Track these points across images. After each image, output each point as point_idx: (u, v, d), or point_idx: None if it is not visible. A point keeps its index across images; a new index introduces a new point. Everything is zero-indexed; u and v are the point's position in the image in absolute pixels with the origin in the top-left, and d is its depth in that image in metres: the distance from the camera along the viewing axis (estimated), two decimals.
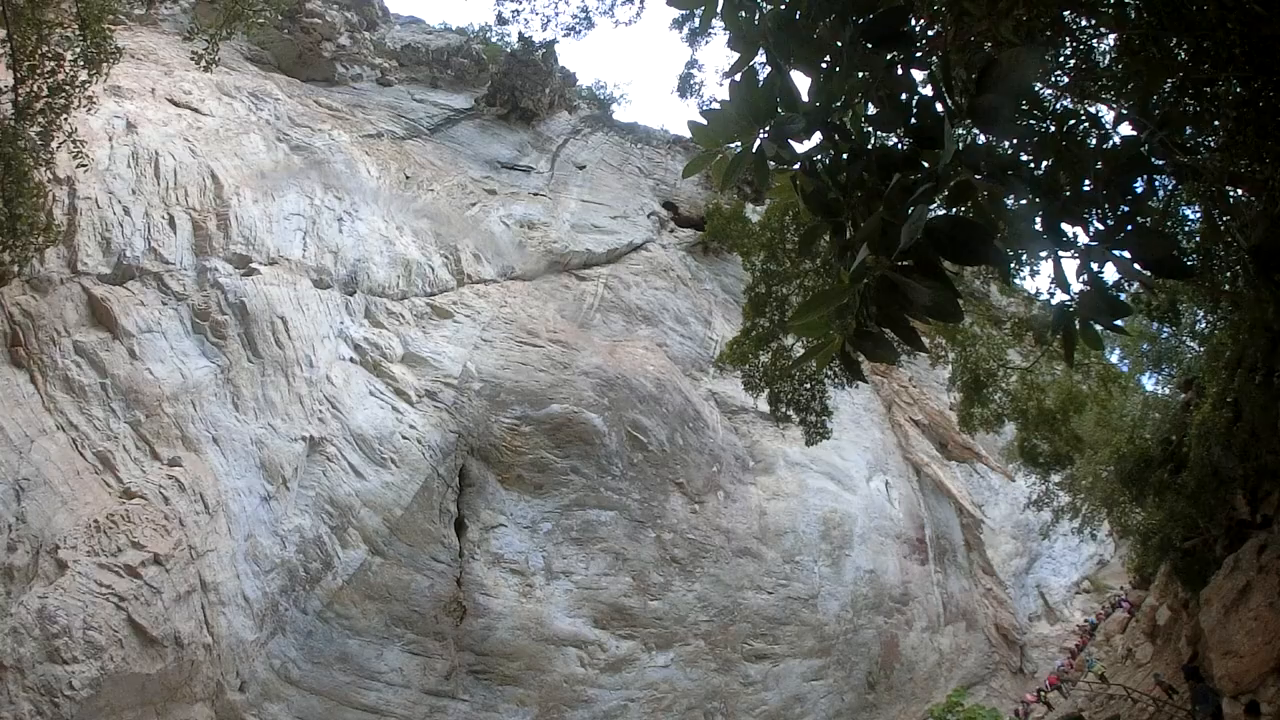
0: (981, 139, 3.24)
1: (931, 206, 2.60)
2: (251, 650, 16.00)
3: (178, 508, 13.92)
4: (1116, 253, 2.68)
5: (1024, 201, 2.85)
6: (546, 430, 21.68)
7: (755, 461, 28.24)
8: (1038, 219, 2.80)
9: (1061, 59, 9.28)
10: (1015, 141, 3.44)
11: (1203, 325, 21.05)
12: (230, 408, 15.91)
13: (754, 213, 24.77)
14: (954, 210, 2.90)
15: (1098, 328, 2.89)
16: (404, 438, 19.50)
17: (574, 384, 22.38)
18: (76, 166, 13.60)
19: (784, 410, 18.75)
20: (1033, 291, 22.17)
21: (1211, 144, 8.65)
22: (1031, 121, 5.84)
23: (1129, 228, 2.71)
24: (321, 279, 19.39)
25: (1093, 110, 9.20)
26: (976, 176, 2.75)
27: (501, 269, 24.23)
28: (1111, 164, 2.91)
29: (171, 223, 16.15)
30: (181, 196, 17.03)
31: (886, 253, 2.54)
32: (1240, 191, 8.97)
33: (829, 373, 18.55)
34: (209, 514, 14.65)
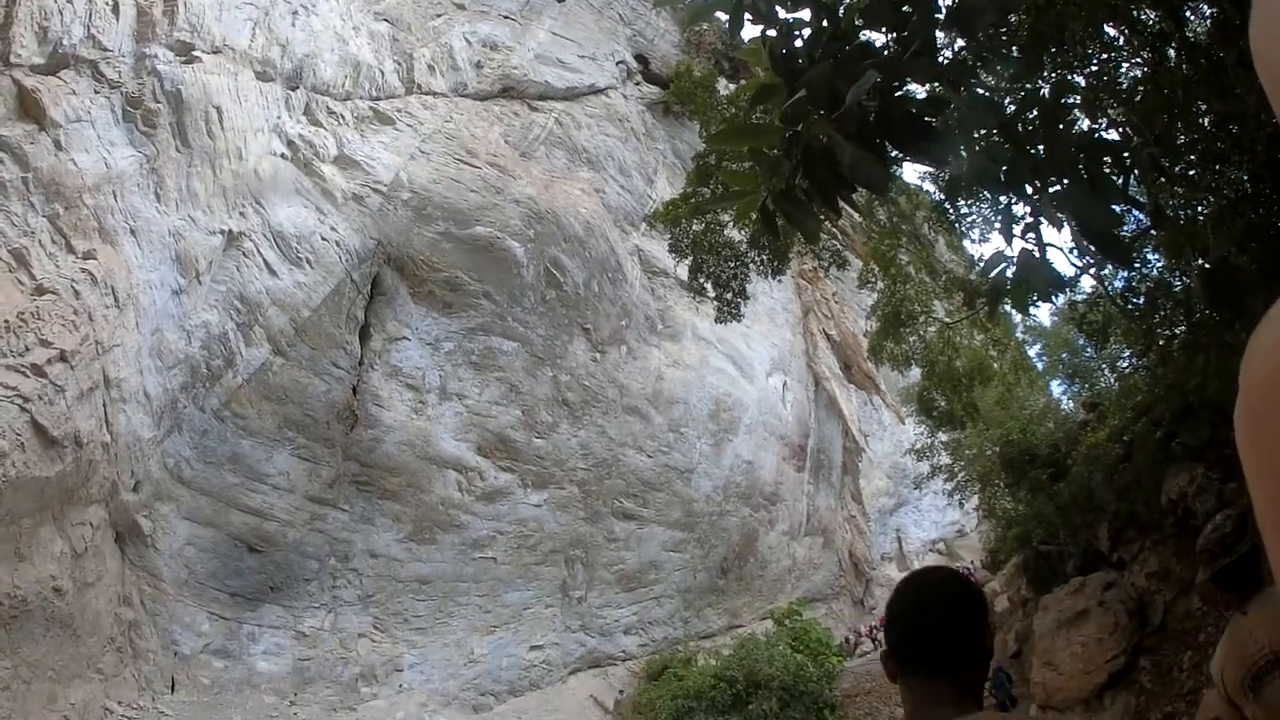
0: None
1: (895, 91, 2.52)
2: (148, 449, 15.87)
3: (88, 302, 13.33)
4: (1063, 216, 2.66)
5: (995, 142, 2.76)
6: (467, 251, 21.41)
7: (664, 326, 28.39)
8: (1004, 165, 2.81)
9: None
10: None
11: (1125, 364, 21.39)
12: (152, 198, 15.18)
13: (725, 89, 24.32)
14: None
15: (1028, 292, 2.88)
16: (323, 239, 18.93)
17: (503, 210, 22.00)
18: None
19: (702, 282, 18.67)
20: (976, 256, 22.22)
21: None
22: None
23: (1082, 195, 2.59)
24: (265, 71, 18.33)
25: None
26: (955, 94, 2.68)
27: (454, 84, 23.34)
28: (1090, 146, 2.93)
29: (115, 8, 14.80)
30: None
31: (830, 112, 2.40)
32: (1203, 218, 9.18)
33: (755, 258, 18.74)
34: (119, 307, 14.11)
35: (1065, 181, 2.64)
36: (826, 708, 19.91)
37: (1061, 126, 3.06)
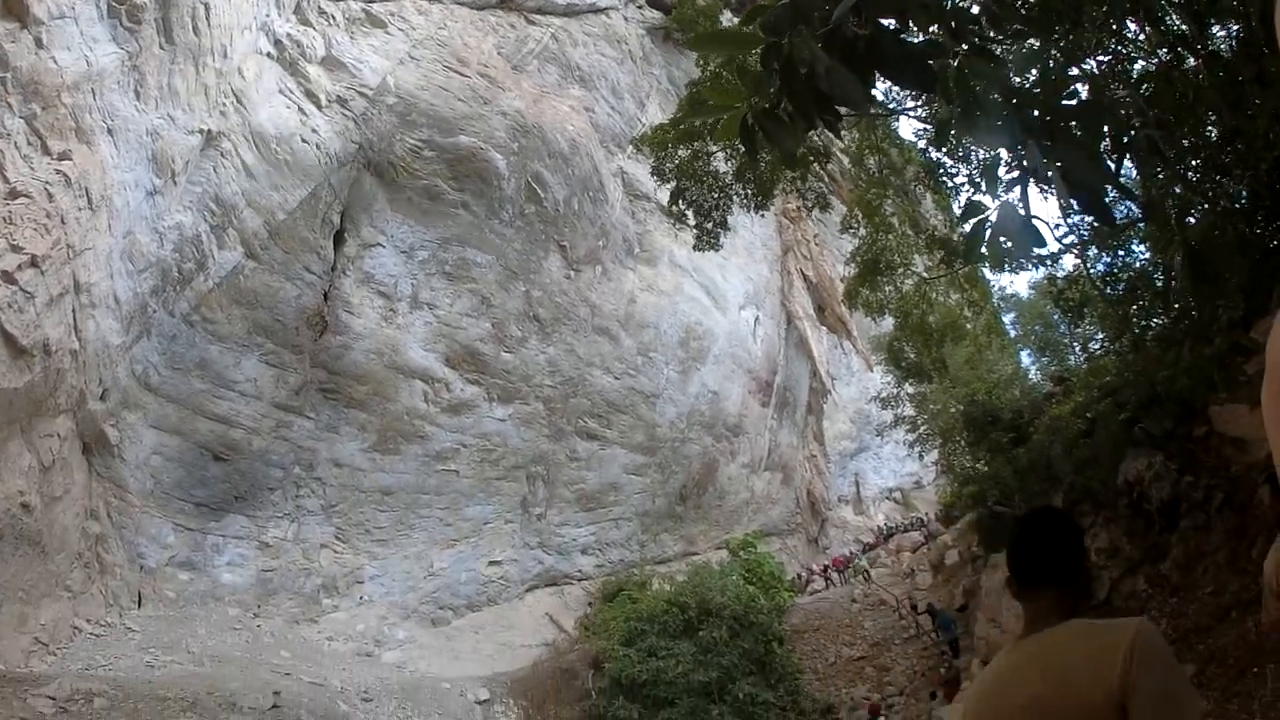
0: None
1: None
2: (116, 355, 15.52)
3: (61, 204, 12.72)
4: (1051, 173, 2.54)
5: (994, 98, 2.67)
6: (449, 160, 20.86)
7: (642, 250, 28.13)
8: (997, 119, 2.70)
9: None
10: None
11: (1097, 346, 21.33)
12: (131, 96, 14.39)
13: (729, 22, 23.61)
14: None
15: (1005, 244, 2.78)
16: (304, 141, 18.29)
17: (489, 121, 21.39)
18: None
19: (683, 209, 18.47)
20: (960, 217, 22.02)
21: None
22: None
23: (1073, 151, 2.56)
24: None
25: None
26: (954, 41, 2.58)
27: None
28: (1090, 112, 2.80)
29: None
30: None
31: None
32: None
33: (739, 190, 18.50)
34: (92, 210, 13.54)
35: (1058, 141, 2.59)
36: (774, 640, 20.41)
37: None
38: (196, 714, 8.19)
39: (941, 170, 16.68)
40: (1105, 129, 3.17)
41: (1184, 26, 7.94)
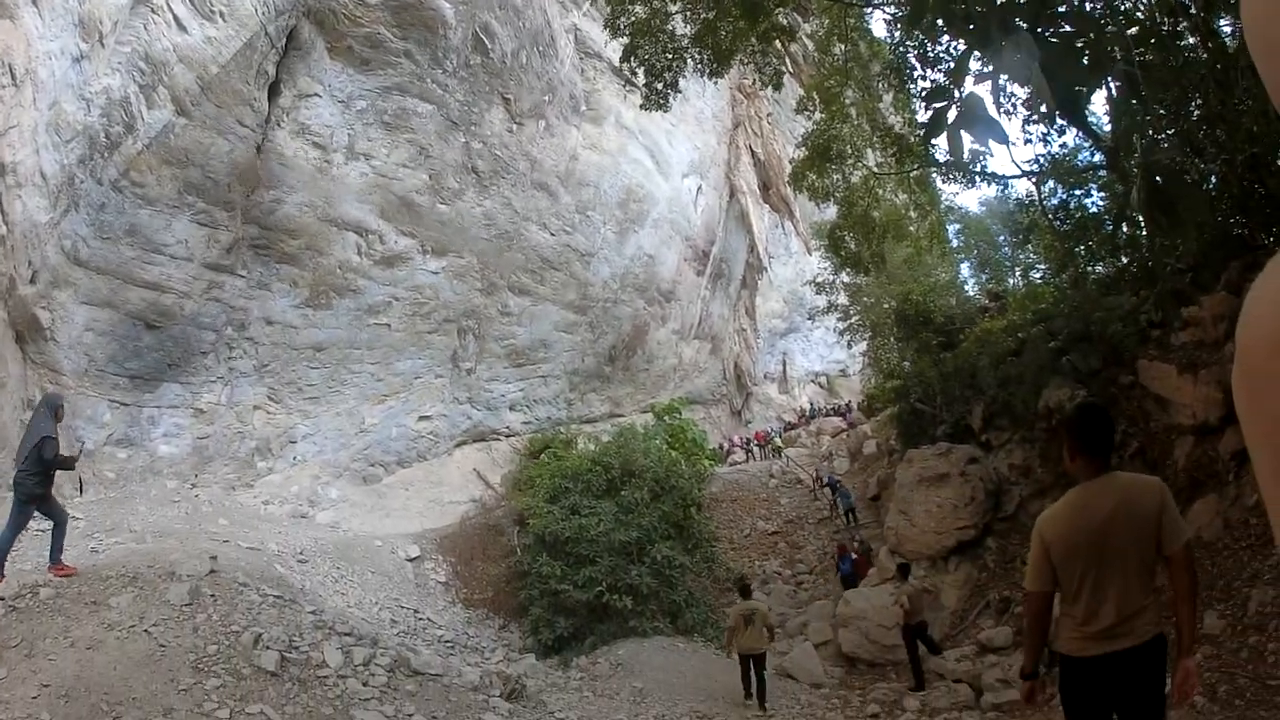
0: None
1: None
2: (44, 234, 14.59)
3: None
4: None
5: None
6: (393, 7, 19.41)
7: (588, 109, 27.28)
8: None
9: None
10: None
11: (1037, 274, 21.32)
12: None
13: None
14: None
15: (964, 135, 2.81)
16: None
17: None
18: None
19: (634, 67, 17.81)
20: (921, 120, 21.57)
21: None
22: None
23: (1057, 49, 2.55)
24: None
25: None
26: None
27: None
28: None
29: None
30: None
31: None
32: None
33: (694, 54, 17.86)
34: (15, 85, 12.37)
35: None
36: (693, 505, 20.85)
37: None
38: (137, 587, 8.36)
39: (908, 70, 16.31)
40: (1088, 46, 3.15)
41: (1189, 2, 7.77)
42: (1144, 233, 10.93)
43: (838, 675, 13.58)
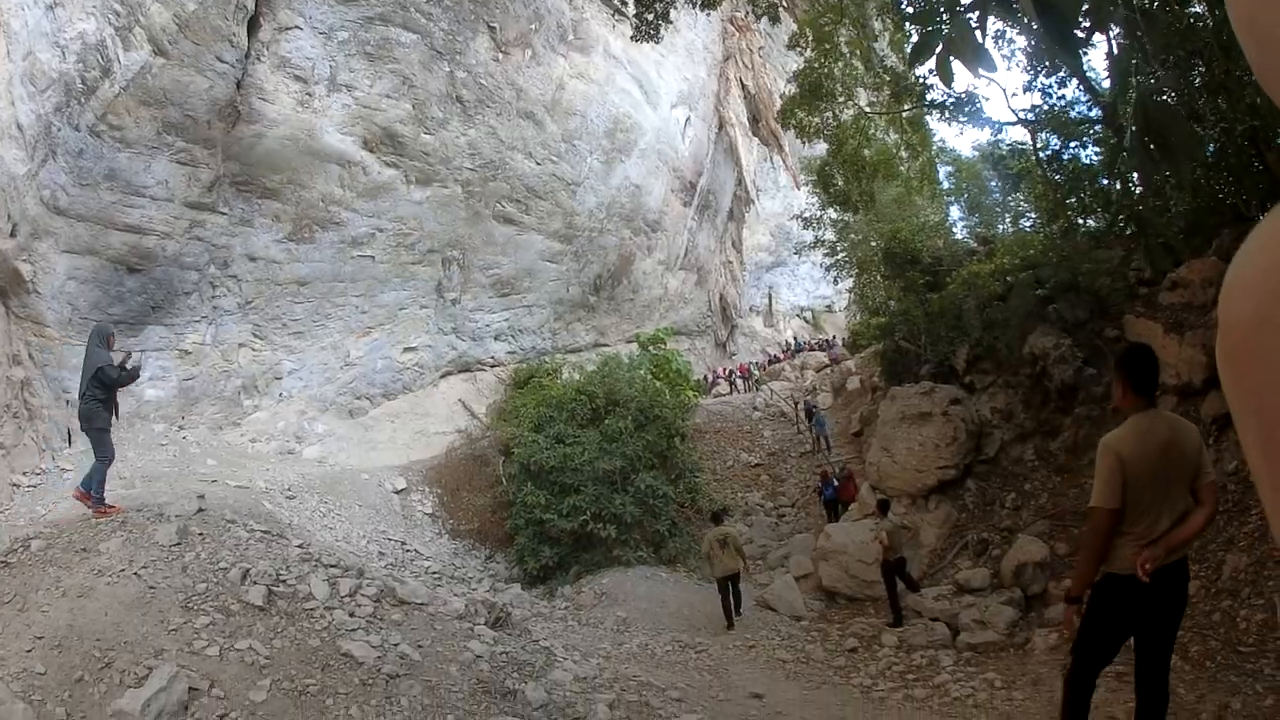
0: None
1: None
2: (23, 185, 14.37)
3: None
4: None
5: None
6: None
7: (576, 38, 26.66)
8: None
9: None
10: None
11: (1027, 222, 20.95)
12: None
13: None
14: None
15: (954, 61, 2.59)
16: None
17: None
18: None
19: None
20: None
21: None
22: None
23: None
24: None
25: None
26: None
27: None
28: None
29: None
30: None
31: None
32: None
33: None
34: None
35: None
36: (677, 435, 20.94)
37: None
38: (126, 530, 8.51)
39: (905, 3, 16.04)
40: None
41: None
42: (1136, 188, 10.92)
43: (817, 608, 13.98)
